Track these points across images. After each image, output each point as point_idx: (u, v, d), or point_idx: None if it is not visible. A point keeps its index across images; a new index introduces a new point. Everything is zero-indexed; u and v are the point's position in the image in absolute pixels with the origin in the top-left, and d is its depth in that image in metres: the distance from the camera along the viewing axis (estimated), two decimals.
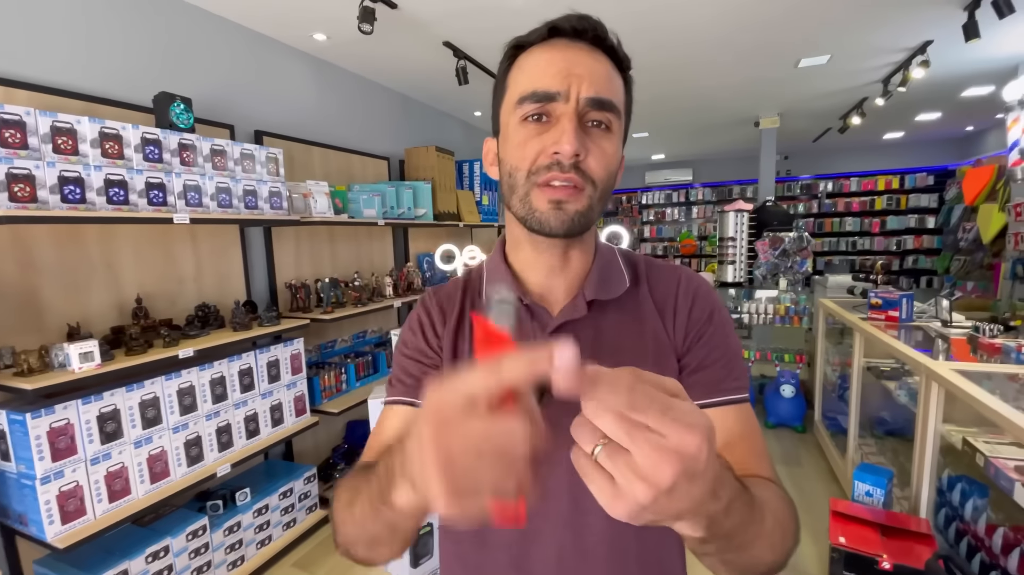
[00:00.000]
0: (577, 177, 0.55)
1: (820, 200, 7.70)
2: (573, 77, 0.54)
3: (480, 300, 0.69)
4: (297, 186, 2.49)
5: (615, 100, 0.56)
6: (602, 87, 0.55)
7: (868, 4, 2.61)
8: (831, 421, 3.16)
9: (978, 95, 4.51)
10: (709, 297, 0.66)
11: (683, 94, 4.26)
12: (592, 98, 0.54)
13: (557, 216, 0.56)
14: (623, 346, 0.63)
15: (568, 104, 0.54)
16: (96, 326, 1.87)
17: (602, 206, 0.59)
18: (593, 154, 0.55)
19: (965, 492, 1.58)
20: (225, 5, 2.33)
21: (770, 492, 0.51)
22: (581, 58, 0.56)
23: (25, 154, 1.49)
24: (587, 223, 0.58)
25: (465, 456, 0.29)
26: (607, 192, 0.59)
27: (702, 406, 0.60)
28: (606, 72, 0.57)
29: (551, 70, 0.55)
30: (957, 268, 5.28)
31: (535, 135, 0.56)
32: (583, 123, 0.55)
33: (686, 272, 0.68)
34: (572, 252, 0.64)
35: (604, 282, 0.65)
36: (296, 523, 2.39)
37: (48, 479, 1.51)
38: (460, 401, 0.29)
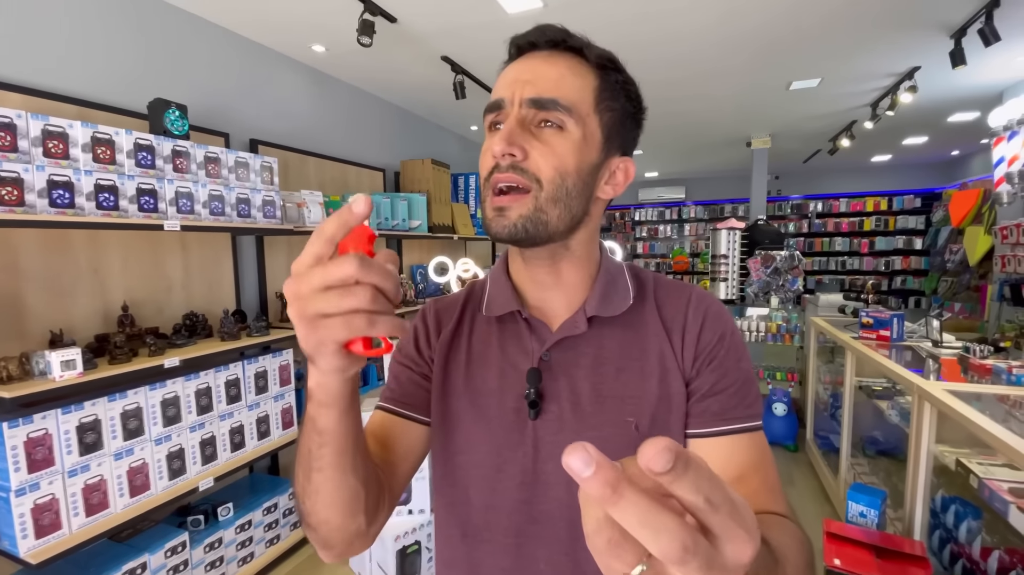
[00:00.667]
0: (518, 176, 0.55)
1: (810, 220, 7.80)
2: (517, 84, 0.56)
3: (480, 313, 0.67)
4: (291, 195, 2.48)
5: (561, 98, 0.55)
6: (546, 87, 0.55)
7: (858, 30, 2.68)
8: (823, 440, 3.15)
9: (964, 120, 4.62)
10: (721, 318, 0.63)
11: (676, 114, 4.32)
12: (530, 99, 0.55)
13: (499, 222, 0.56)
14: (626, 365, 0.61)
15: (512, 108, 0.56)
16: (80, 334, 1.83)
17: (560, 209, 0.56)
18: (538, 150, 0.55)
19: (959, 514, 1.57)
20: (224, 14, 2.34)
21: (788, 537, 0.48)
22: (533, 65, 0.57)
23: (14, 157, 1.46)
24: (537, 228, 0.56)
25: (310, 296, 0.37)
26: (565, 194, 0.56)
27: (713, 434, 0.58)
28: (556, 73, 0.56)
29: (503, 82, 0.58)
30: (945, 289, 5.34)
31: (487, 144, 0.57)
32: (530, 126, 0.56)
33: (697, 291, 0.65)
34: (562, 265, 0.62)
35: (606, 298, 0.62)
36: (280, 540, 2.33)
37: (23, 491, 1.46)
38: (306, 260, 0.37)
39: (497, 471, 0.61)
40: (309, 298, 0.37)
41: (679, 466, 0.21)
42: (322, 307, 0.37)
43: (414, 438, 0.65)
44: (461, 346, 0.66)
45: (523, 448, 0.60)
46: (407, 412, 0.66)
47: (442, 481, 0.66)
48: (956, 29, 2.59)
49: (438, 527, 0.68)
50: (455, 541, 0.65)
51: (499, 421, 0.61)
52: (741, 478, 0.56)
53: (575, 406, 0.60)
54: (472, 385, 0.64)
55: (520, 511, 0.60)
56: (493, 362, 0.64)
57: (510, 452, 0.61)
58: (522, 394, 0.61)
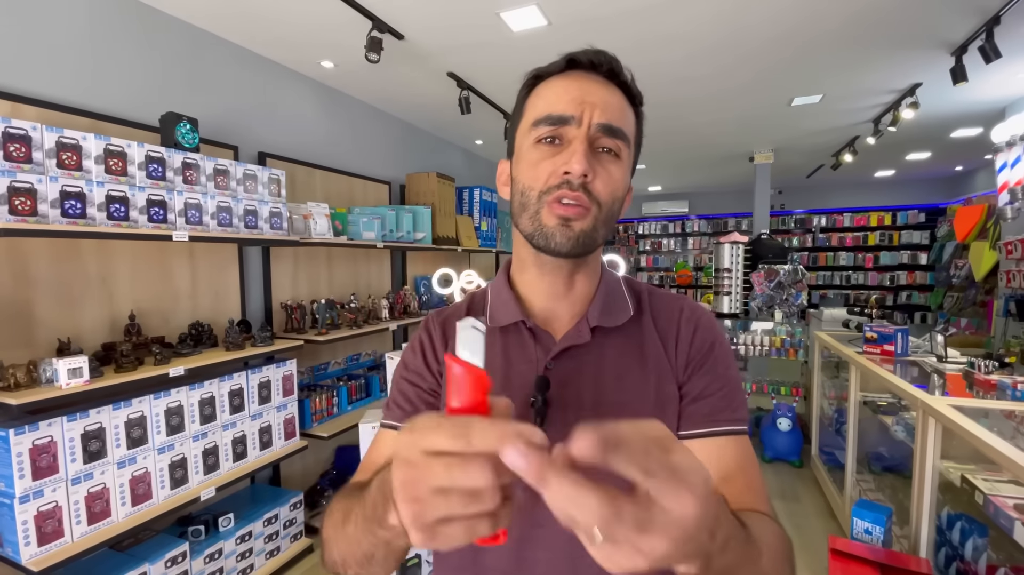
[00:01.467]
0: (584, 197, 0.57)
1: (814, 234, 7.80)
2: (586, 104, 0.57)
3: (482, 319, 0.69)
4: (298, 207, 2.51)
5: (626, 129, 0.59)
6: (614, 115, 0.58)
7: (859, 47, 2.71)
8: (828, 456, 3.12)
9: (967, 136, 4.64)
10: (711, 328, 0.66)
11: (678, 130, 4.36)
12: (603, 124, 0.57)
13: (564, 233, 0.58)
14: (625, 373, 0.63)
15: (580, 128, 0.57)
16: (87, 342, 1.85)
17: (606, 230, 0.60)
18: (600, 177, 0.58)
19: (965, 531, 1.55)
20: (236, 31, 2.39)
21: (767, 529, 0.50)
22: (595, 88, 0.59)
23: (28, 168, 1.50)
24: (591, 244, 0.59)
25: (431, 499, 0.31)
26: (612, 216, 0.60)
27: (700, 435, 0.61)
28: (619, 103, 0.60)
29: (566, 97, 0.58)
30: (950, 304, 5.31)
31: (548, 156, 0.58)
32: (593, 148, 0.58)
33: (689, 302, 0.69)
34: (577, 276, 0.65)
35: (608, 309, 0.65)
36: (280, 551, 2.32)
37: (27, 498, 1.47)
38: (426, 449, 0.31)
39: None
40: (428, 501, 0.31)
41: (608, 448, 0.26)
42: (444, 512, 0.31)
43: None
44: None
45: None
46: None
47: None
48: (957, 46, 2.61)
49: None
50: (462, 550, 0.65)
51: None
52: (726, 478, 0.58)
53: (579, 413, 0.61)
54: None
55: (522, 515, 0.61)
56: (498, 371, 0.65)
57: None
58: (527, 402, 0.62)
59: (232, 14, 2.23)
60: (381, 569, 0.52)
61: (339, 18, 2.25)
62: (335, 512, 0.54)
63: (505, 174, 0.67)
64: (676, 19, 2.37)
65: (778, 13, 2.32)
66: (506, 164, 0.67)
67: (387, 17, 2.29)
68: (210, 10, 2.19)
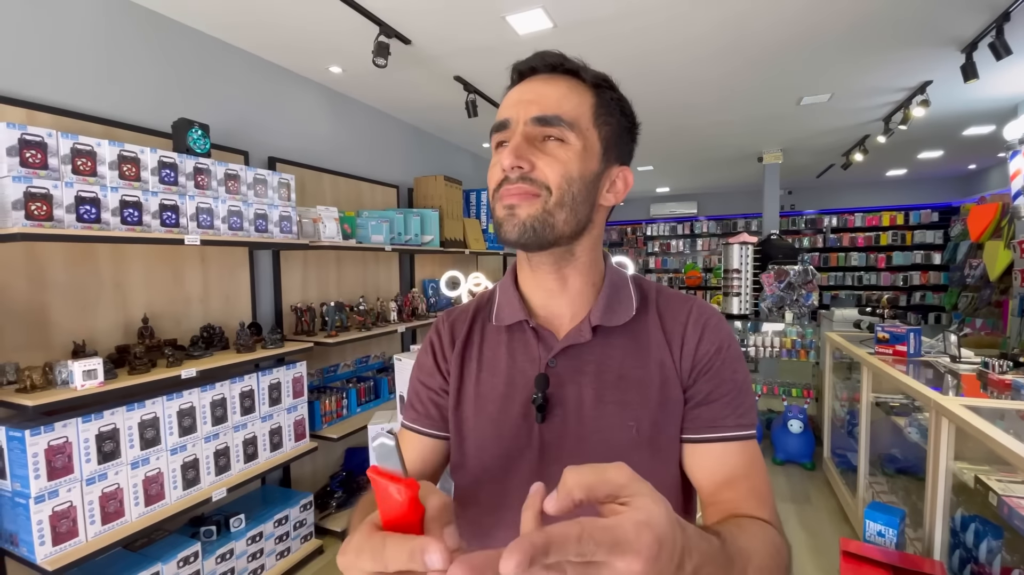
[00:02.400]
0: (526, 186, 0.58)
1: (825, 234, 7.73)
2: (521, 104, 0.60)
3: (490, 323, 0.70)
4: (307, 211, 2.54)
5: (563, 114, 0.59)
6: (548, 105, 0.59)
7: (867, 46, 2.69)
8: (841, 458, 3.08)
9: (979, 134, 4.57)
10: (719, 330, 0.65)
11: (686, 131, 4.35)
12: (535, 116, 0.59)
13: (510, 221, 0.59)
14: (627, 373, 0.63)
15: (516, 127, 0.60)
16: (101, 344, 1.88)
17: (567, 214, 0.59)
18: (544, 161, 0.59)
19: (979, 533, 1.52)
20: (246, 37, 2.43)
21: (758, 540, 0.50)
22: (534, 87, 0.61)
23: (44, 174, 1.53)
24: (545, 229, 0.59)
25: None
26: (572, 199, 0.59)
27: (705, 440, 0.61)
28: (557, 92, 0.60)
29: (507, 104, 0.62)
30: (965, 305, 5.23)
31: (497, 159, 0.61)
32: (535, 140, 0.59)
33: (698, 303, 0.68)
34: (567, 272, 0.65)
35: (611, 308, 0.65)
36: (290, 552, 2.33)
37: (42, 498, 1.49)
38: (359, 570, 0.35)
39: (505, 473, 0.64)
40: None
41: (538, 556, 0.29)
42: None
43: (438, 453, 0.71)
44: (473, 355, 0.70)
45: (530, 450, 0.63)
46: (429, 431, 0.70)
47: (458, 483, 0.70)
48: (967, 43, 2.58)
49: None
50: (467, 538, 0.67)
51: (507, 425, 0.64)
52: (729, 483, 0.59)
53: (579, 411, 0.63)
54: (482, 391, 0.67)
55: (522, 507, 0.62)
56: (502, 369, 0.67)
57: (518, 454, 0.64)
58: (529, 399, 0.63)
59: (242, 22, 2.26)
60: None
61: (347, 24, 2.27)
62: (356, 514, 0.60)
63: None
64: (682, 20, 2.36)
65: (785, 12, 2.31)
66: None
67: (394, 22, 2.31)
68: (221, 18, 2.23)
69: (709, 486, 0.61)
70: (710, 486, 0.61)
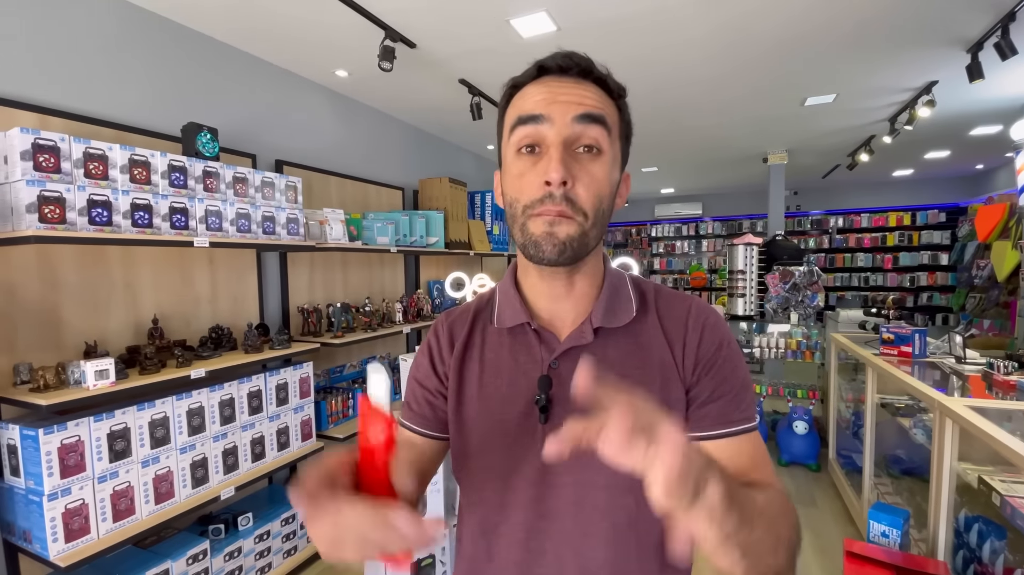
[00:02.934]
0: (567, 207, 0.57)
1: (831, 235, 7.69)
2: (558, 103, 0.58)
3: (492, 324, 0.71)
4: (314, 213, 2.56)
5: (604, 114, 0.59)
6: (589, 105, 0.58)
7: (872, 46, 2.69)
8: (846, 459, 3.08)
9: (986, 134, 4.55)
10: (719, 329, 0.66)
11: (691, 131, 4.35)
12: (578, 115, 0.57)
13: (550, 241, 0.58)
14: (630, 374, 0.64)
15: (554, 127, 0.57)
16: (113, 345, 1.91)
17: (598, 231, 0.61)
18: (581, 181, 0.58)
19: (982, 533, 1.52)
20: (254, 42, 2.46)
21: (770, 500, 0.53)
22: (566, 88, 0.59)
23: (57, 178, 1.56)
24: (582, 249, 0.60)
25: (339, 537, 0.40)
26: (601, 217, 0.60)
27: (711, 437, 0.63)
28: (594, 95, 0.59)
29: (536, 99, 0.59)
30: (973, 306, 5.20)
31: (529, 167, 0.59)
32: (572, 150, 0.58)
33: (697, 303, 0.68)
34: (576, 278, 0.65)
35: (612, 309, 0.66)
36: (297, 551, 2.36)
37: (55, 496, 1.52)
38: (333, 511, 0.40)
39: (510, 472, 0.65)
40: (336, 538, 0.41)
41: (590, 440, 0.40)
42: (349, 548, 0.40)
43: (431, 452, 0.72)
44: (474, 356, 0.70)
45: (534, 450, 0.64)
46: (422, 430, 0.72)
47: (463, 483, 0.72)
48: (972, 43, 2.58)
49: (461, 525, 0.74)
50: (476, 537, 0.69)
51: (511, 425, 0.65)
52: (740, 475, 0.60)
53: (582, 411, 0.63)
54: (485, 393, 0.68)
55: (531, 508, 0.64)
56: (505, 371, 0.67)
57: (522, 453, 0.64)
58: (532, 400, 0.64)
59: (250, 27, 2.29)
60: None
61: (353, 28, 2.30)
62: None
63: (500, 185, 0.68)
64: (685, 22, 2.37)
65: (789, 13, 2.31)
66: (499, 175, 0.68)
67: (399, 26, 2.34)
68: (230, 24, 2.26)
69: None
70: None
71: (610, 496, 0.62)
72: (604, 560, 0.62)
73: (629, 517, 0.62)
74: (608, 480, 0.61)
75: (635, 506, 0.62)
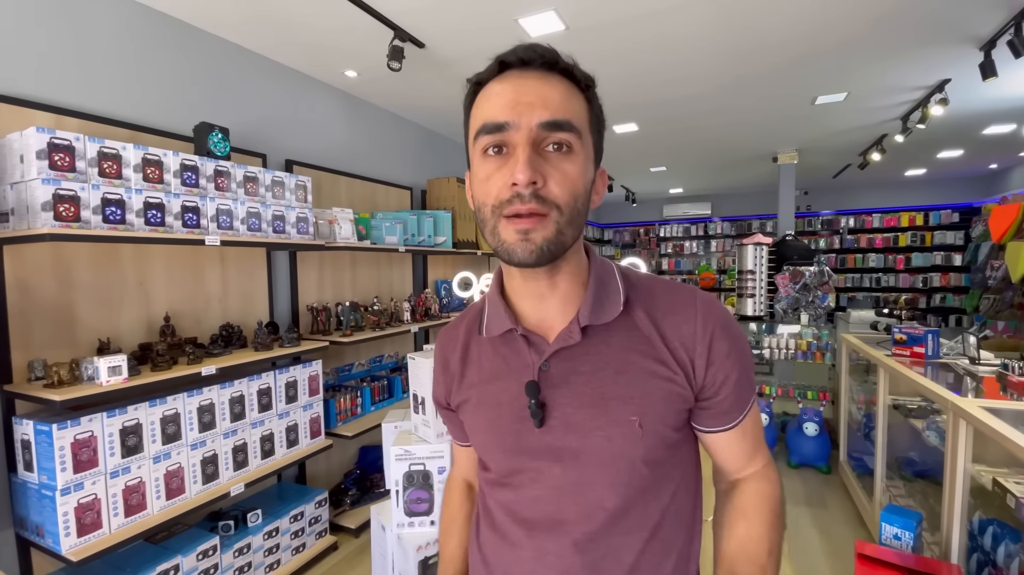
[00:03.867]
0: (538, 206, 0.54)
1: (842, 236, 7.62)
2: (522, 106, 0.55)
3: (480, 335, 0.71)
4: (323, 212, 2.58)
5: (571, 119, 0.56)
6: (555, 109, 0.55)
7: (883, 44, 2.66)
8: (857, 461, 3.04)
9: (1000, 133, 4.49)
10: (729, 328, 0.64)
11: (699, 131, 4.33)
12: (544, 122, 0.54)
13: (524, 247, 0.56)
14: (625, 367, 0.62)
15: (520, 132, 0.55)
16: (125, 342, 1.93)
17: (574, 230, 0.58)
18: (553, 178, 0.55)
19: (997, 536, 1.50)
20: (265, 43, 2.48)
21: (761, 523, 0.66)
22: (531, 86, 0.56)
23: (72, 176, 1.58)
24: (558, 249, 0.57)
25: None
26: (577, 214, 0.57)
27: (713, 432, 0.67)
28: (559, 94, 0.56)
29: (500, 102, 0.56)
30: (987, 307, 5.12)
31: (496, 169, 0.56)
32: (541, 149, 0.55)
33: (701, 297, 0.65)
34: (558, 277, 0.63)
35: (598, 306, 0.63)
36: (305, 548, 2.37)
37: (68, 490, 1.54)
38: None
39: (513, 475, 0.66)
40: None
41: None
42: None
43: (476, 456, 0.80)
44: (473, 369, 0.72)
45: (535, 455, 0.64)
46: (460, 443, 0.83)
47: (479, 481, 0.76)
48: (985, 41, 2.55)
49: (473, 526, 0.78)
50: (485, 537, 0.72)
51: (509, 431, 0.66)
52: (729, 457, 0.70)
53: (579, 410, 0.62)
54: (484, 401, 0.69)
55: (533, 509, 0.65)
56: (500, 378, 0.68)
57: (523, 457, 0.65)
58: (527, 405, 0.64)
59: (261, 28, 2.31)
60: None
61: (362, 29, 2.31)
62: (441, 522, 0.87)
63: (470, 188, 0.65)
64: (694, 20, 2.36)
65: (799, 11, 2.30)
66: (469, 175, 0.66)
67: (408, 26, 2.35)
68: (241, 25, 2.28)
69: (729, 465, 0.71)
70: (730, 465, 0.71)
71: (615, 493, 0.62)
72: (610, 556, 0.62)
73: (634, 511, 0.62)
74: (612, 478, 0.62)
75: (639, 500, 0.62)
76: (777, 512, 0.67)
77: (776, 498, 0.68)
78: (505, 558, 0.67)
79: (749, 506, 0.67)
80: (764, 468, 0.70)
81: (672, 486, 0.65)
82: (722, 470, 0.72)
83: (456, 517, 0.85)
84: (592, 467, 0.61)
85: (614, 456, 0.61)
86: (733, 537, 0.66)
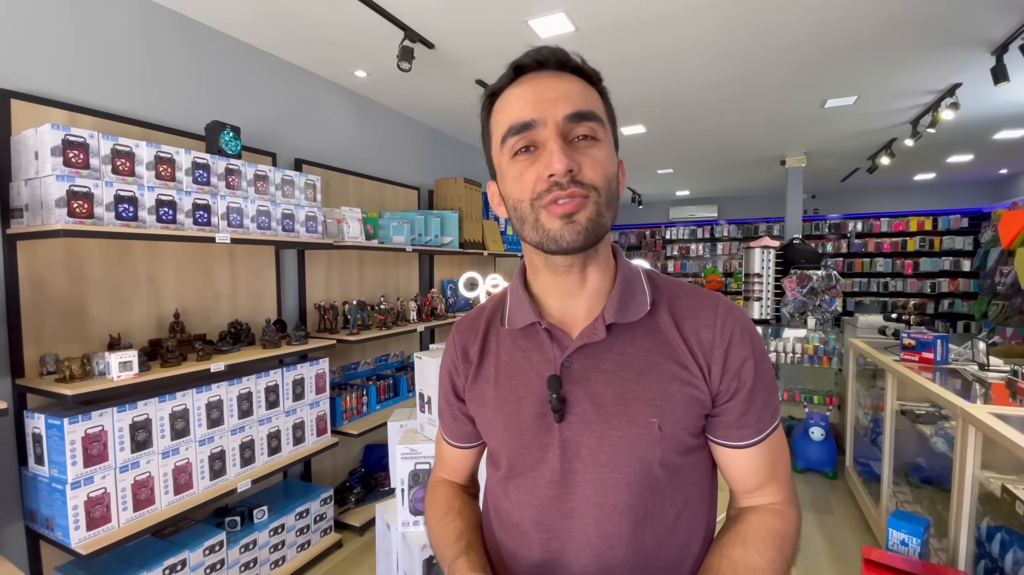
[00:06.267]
0: (579, 189, 0.56)
1: (850, 240, 7.58)
2: (546, 102, 0.57)
3: (504, 327, 0.70)
4: (332, 211, 2.60)
5: (594, 109, 0.59)
6: (577, 101, 0.57)
7: (894, 48, 2.65)
8: (864, 467, 3.02)
9: (1011, 138, 4.45)
10: (749, 335, 0.64)
11: (707, 133, 4.32)
12: (570, 114, 0.57)
13: (571, 229, 0.57)
14: (647, 369, 0.62)
15: (547, 128, 0.57)
16: (136, 338, 1.95)
17: (611, 212, 0.60)
18: (587, 164, 0.57)
19: (1005, 543, 1.49)
20: (276, 43, 2.50)
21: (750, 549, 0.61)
22: (550, 83, 0.58)
23: (86, 173, 1.60)
24: (600, 230, 0.59)
25: None
26: (612, 197, 0.60)
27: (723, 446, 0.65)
28: (578, 88, 0.59)
29: (522, 102, 0.58)
30: (995, 313, 5.08)
31: (529, 166, 0.58)
32: (569, 141, 0.57)
33: (724, 303, 0.66)
34: (589, 270, 0.64)
35: (625, 305, 0.64)
36: (310, 545, 2.38)
37: (78, 484, 1.55)
38: None
39: (530, 471, 0.65)
40: None
41: None
42: None
43: (470, 459, 0.83)
44: (490, 361, 0.71)
45: (552, 450, 0.64)
46: (462, 444, 0.80)
47: (488, 482, 0.74)
48: (997, 45, 2.53)
49: (485, 524, 0.76)
50: (498, 535, 0.71)
51: (528, 426, 0.65)
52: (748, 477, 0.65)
53: (599, 409, 0.62)
54: (502, 395, 0.68)
55: (550, 507, 0.64)
56: (519, 372, 0.67)
57: (540, 454, 0.64)
58: (547, 400, 0.64)
59: (273, 28, 2.33)
60: None
61: (373, 29, 2.32)
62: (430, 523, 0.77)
63: (496, 194, 0.68)
64: (703, 23, 2.36)
65: (809, 13, 2.29)
66: (493, 184, 0.68)
67: (418, 27, 2.36)
68: (253, 25, 2.30)
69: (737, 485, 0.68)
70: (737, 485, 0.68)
71: (631, 494, 0.61)
72: (624, 557, 0.62)
73: (648, 514, 0.62)
74: (629, 478, 0.61)
75: (654, 502, 0.62)
76: (784, 551, 0.61)
77: (786, 537, 0.62)
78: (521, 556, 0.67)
79: (751, 534, 0.62)
80: (781, 504, 0.66)
81: (686, 493, 0.64)
82: (732, 492, 0.69)
83: (453, 504, 0.78)
84: (609, 466, 0.61)
85: (631, 456, 0.61)
86: (724, 556, 0.61)
